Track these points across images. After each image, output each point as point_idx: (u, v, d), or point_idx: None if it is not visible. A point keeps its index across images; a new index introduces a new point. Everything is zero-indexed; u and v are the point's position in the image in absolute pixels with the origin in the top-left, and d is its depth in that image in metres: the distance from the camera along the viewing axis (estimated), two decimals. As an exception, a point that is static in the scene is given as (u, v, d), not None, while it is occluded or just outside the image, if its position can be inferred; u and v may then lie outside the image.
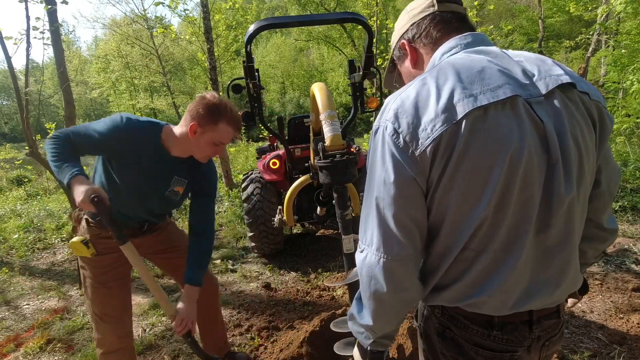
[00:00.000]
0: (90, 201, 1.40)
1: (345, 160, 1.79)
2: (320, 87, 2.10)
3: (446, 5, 0.95)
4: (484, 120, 0.75)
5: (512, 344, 0.88)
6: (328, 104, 1.91)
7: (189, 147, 1.62)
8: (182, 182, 1.74)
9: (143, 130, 1.59)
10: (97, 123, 1.57)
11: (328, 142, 1.86)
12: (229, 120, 1.58)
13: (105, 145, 1.56)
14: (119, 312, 1.80)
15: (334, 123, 1.87)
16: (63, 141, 1.52)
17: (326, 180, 1.82)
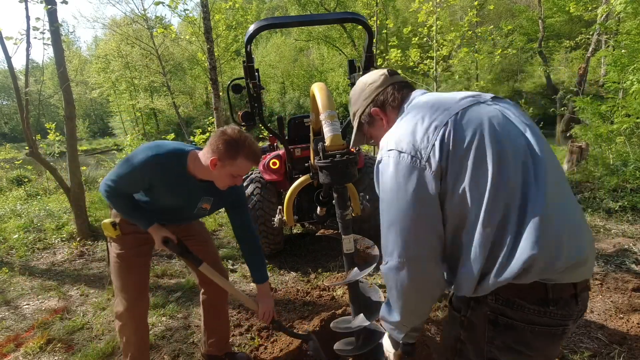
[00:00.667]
0: (163, 244, 1.87)
1: (345, 160, 1.79)
2: (320, 87, 2.10)
3: (395, 77, 1.31)
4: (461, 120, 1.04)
5: (564, 318, 1.02)
6: (328, 104, 1.91)
7: (210, 175, 1.77)
8: (209, 200, 1.94)
9: (169, 160, 1.75)
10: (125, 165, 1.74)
11: (328, 142, 1.86)
12: (247, 155, 1.69)
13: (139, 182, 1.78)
14: (138, 289, 2.01)
15: (334, 123, 1.87)
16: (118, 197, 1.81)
17: (326, 180, 1.82)
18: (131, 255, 1.97)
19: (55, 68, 4.81)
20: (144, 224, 1.86)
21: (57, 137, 7.71)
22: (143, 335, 2.09)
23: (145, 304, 2.07)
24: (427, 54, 8.14)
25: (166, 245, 1.87)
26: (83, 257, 4.27)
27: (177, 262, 4.06)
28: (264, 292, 2.06)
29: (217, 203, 1.98)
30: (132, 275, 1.98)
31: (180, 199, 1.86)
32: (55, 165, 5.07)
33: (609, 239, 3.68)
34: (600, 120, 6.48)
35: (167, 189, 1.80)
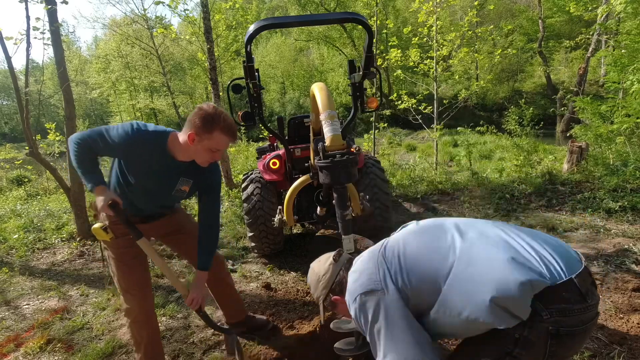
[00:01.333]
0: (109, 206, 1.80)
1: (345, 161, 1.79)
2: (320, 87, 2.10)
3: (342, 259, 1.60)
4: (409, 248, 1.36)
5: (595, 307, 1.17)
6: (328, 104, 1.91)
7: (190, 153, 1.81)
8: (188, 182, 1.96)
9: (150, 138, 1.79)
10: (112, 129, 1.79)
11: (328, 142, 1.86)
12: (223, 128, 1.73)
13: (116, 150, 1.81)
14: (141, 286, 2.08)
15: (334, 123, 1.86)
16: (83, 147, 1.80)
17: (326, 180, 1.82)
18: (129, 257, 2.02)
19: (55, 68, 4.80)
20: (93, 181, 1.83)
21: (57, 137, 7.70)
22: (154, 329, 2.18)
23: (150, 299, 2.15)
24: (427, 54, 8.13)
25: (112, 209, 1.82)
26: (83, 257, 4.27)
27: (176, 262, 4.06)
28: (200, 279, 2.06)
29: (195, 185, 2.01)
30: (133, 274, 2.05)
31: (158, 178, 1.88)
32: (55, 165, 5.07)
33: (609, 239, 3.68)
34: (600, 120, 6.47)
35: (145, 166, 1.83)
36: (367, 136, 10.21)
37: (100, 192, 1.82)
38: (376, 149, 9.77)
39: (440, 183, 5.93)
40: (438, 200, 5.41)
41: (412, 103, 8.21)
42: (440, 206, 5.16)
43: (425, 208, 5.16)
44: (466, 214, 4.71)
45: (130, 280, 2.04)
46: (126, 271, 2.03)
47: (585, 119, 7.31)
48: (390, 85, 26.20)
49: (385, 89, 24.97)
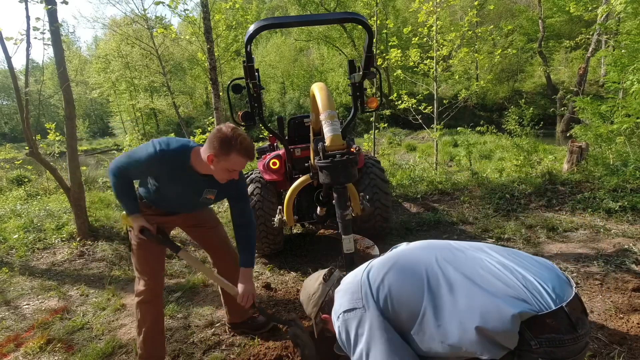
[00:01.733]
0: (141, 232, 2.09)
1: (345, 160, 1.79)
2: (320, 87, 2.09)
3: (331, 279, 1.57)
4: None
5: (585, 337, 1.12)
6: (328, 104, 1.91)
7: (210, 171, 1.93)
8: (213, 192, 2.12)
9: (174, 156, 1.93)
10: (136, 153, 1.96)
11: (328, 142, 1.86)
12: (240, 151, 1.81)
13: (145, 172, 2.02)
14: (155, 271, 2.25)
15: (334, 123, 1.86)
16: (121, 179, 2.03)
17: (326, 180, 1.82)
18: (150, 243, 2.17)
19: (55, 68, 4.80)
20: (129, 210, 2.09)
21: (57, 137, 7.69)
22: (158, 313, 2.30)
23: (161, 283, 2.32)
24: (427, 54, 8.13)
25: (143, 234, 2.08)
26: (83, 257, 4.27)
27: (177, 262, 4.06)
28: (247, 276, 2.18)
29: (220, 194, 2.17)
30: (150, 260, 2.23)
31: (185, 189, 2.05)
32: (55, 165, 5.07)
33: (609, 239, 3.68)
34: (600, 121, 6.48)
35: (171, 181, 2.00)
36: (367, 136, 10.21)
37: (136, 219, 2.09)
38: (376, 149, 9.77)
39: (440, 183, 5.93)
40: (438, 200, 5.41)
41: (412, 103, 8.21)
42: (440, 206, 5.16)
43: (425, 208, 5.16)
44: (466, 213, 4.71)
45: (147, 265, 2.22)
46: (145, 256, 2.21)
47: (585, 119, 7.31)
48: (390, 85, 26.19)
49: (385, 89, 24.96)
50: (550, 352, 1.07)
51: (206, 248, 2.54)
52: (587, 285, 2.86)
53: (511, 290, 1.11)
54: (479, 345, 1.08)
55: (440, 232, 4.30)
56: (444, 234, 4.25)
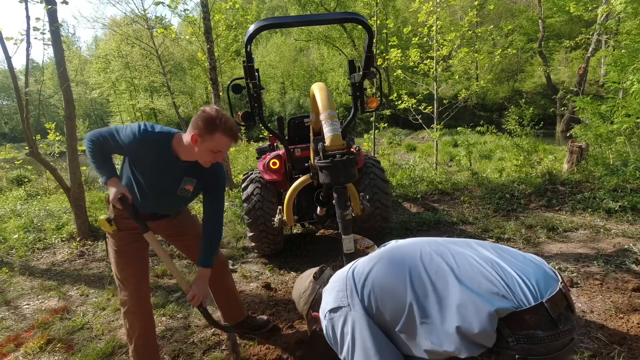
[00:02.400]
0: (119, 200, 1.93)
1: (345, 160, 1.79)
2: (320, 87, 2.09)
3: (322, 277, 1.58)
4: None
5: (569, 334, 1.08)
6: (328, 104, 1.91)
7: (192, 154, 1.87)
8: (192, 182, 2.05)
9: (156, 139, 1.88)
10: (122, 129, 1.90)
11: (328, 142, 1.86)
12: (224, 130, 1.78)
13: (125, 149, 1.93)
14: (137, 279, 2.15)
15: (334, 123, 1.86)
16: (97, 145, 1.93)
17: (326, 180, 1.82)
18: (128, 250, 2.10)
19: (55, 68, 4.80)
20: (106, 173, 1.98)
21: (57, 137, 7.70)
22: (147, 322, 2.21)
23: (146, 290, 2.21)
24: (427, 54, 8.13)
25: (121, 202, 1.94)
26: (83, 257, 4.27)
27: (176, 262, 4.06)
28: (203, 276, 2.10)
29: (198, 186, 2.09)
30: (130, 267, 2.13)
31: (163, 177, 1.97)
32: (55, 165, 5.07)
33: (609, 239, 3.68)
34: (600, 121, 6.48)
35: (151, 166, 1.93)
36: (367, 136, 10.21)
37: (113, 184, 1.95)
38: (376, 149, 9.77)
39: (440, 183, 5.93)
40: (438, 200, 5.41)
41: (412, 103, 8.21)
42: (440, 206, 5.16)
43: (425, 208, 5.16)
44: (466, 213, 4.71)
45: (127, 272, 2.12)
46: (124, 262, 2.11)
47: (586, 119, 7.31)
48: (390, 85, 26.20)
49: (385, 89, 24.97)
50: (528, 349, 1.05)
51: (191, 256, 2.43)
52: (587, 285, 2.85)
53: (491, 286, 1.09)
54: (459, 344, 1.07)
55: (440, 232, 4.30)
56: (444, 234, 4.25)
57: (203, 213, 2.15)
